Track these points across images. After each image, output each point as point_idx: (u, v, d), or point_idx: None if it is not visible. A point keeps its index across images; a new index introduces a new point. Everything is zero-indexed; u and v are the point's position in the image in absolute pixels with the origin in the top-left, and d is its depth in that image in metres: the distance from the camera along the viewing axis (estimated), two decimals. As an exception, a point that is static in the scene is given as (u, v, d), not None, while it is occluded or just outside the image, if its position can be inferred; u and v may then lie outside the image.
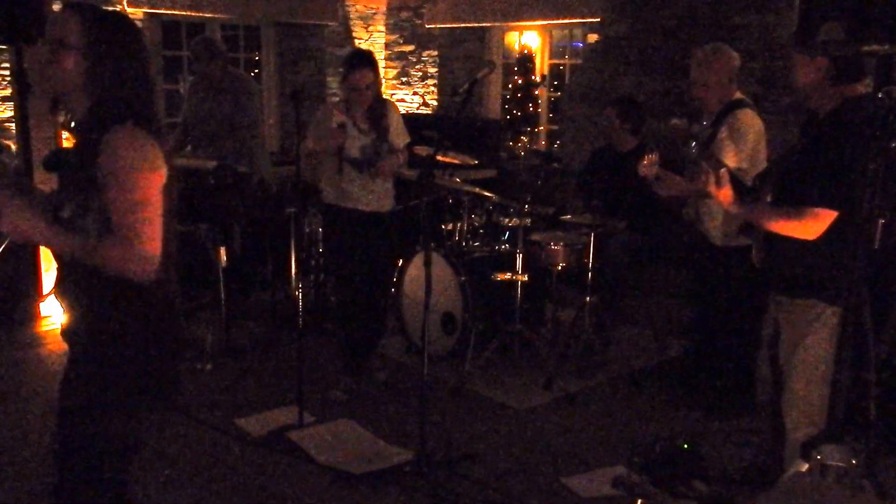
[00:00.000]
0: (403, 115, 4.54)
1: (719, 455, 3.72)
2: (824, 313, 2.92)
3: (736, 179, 3.02)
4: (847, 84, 2.88)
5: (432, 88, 8.67)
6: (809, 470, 2.63)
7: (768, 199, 3.01)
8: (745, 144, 3.88)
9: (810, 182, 2.77)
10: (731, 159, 3.76)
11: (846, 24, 2.97)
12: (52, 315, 5.25)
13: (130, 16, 6.68)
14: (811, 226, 2.75)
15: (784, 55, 4.73)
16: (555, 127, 7.91)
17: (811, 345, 2.96)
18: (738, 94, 4.03)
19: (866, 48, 3.04)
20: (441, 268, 4.67)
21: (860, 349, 3.03)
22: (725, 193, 2.93)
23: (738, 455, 3.75)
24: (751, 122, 3.92)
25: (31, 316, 5.28)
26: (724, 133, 3.89)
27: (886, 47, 2.92)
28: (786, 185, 2.95)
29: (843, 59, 2.85)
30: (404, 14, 8.76)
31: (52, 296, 2.18)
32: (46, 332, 5.16)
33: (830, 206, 2.72)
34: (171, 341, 2.20)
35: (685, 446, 3.49)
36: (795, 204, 2.81)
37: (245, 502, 3.32)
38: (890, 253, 3.43)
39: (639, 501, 2.94)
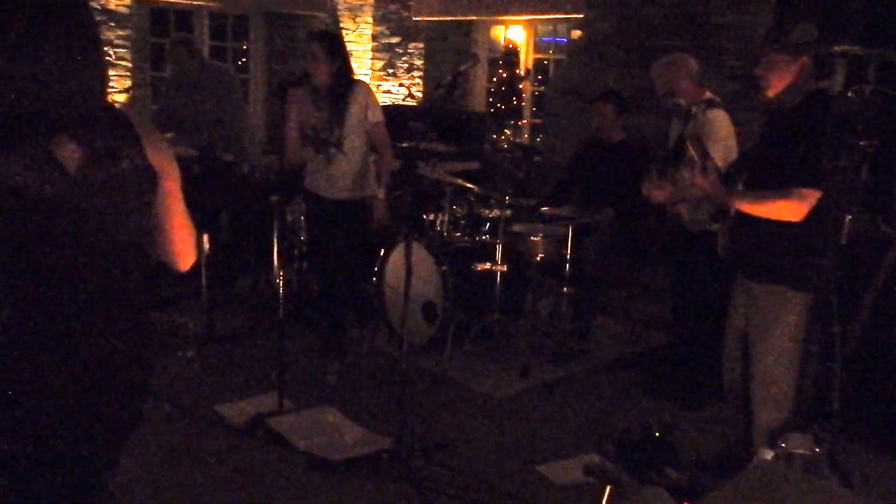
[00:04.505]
0: (389, 106, 4.58)
1: (691, 443, 3.79)
2: (792, 298, 3.02)
3: (717, 170, 3.11)
4: (819, 80, 2.98)
5: (418, 80, 8.70)
6: (775, 458, 2.71)
7: (739, 188, 3.10)
8: (719, 143, 3.96)
9: (792, 166, 2.89)
10: None
11: (819, 25, 3.05)
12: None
13: (119, 2, 6.73)
14: (798, 206, 2.87)
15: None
16: (538, 121, 7.97)
17: (779, 329, 3.06)
18: (707, 94, 4.16)
19: (838, 49, 3.13)
20: (422, 257, 4.72)
21: (827, 341, 3.12)
22: (712, 183, 3.01)
23: (710, 443, 3.83)
24: (723, 121, 4.04)
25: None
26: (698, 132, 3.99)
27: (857, 48, 3.00)
28: (762, 174, 3.04)
29: (821, 58, 2.95)
30: (392, 6, 8.79)
31: None
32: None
33: (815, 186, 2.85)
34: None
35: (657, 434, 3.56)
36: (778, 188, 2.92)
37: (224, 488, 3.36)
38: (858, 248, 3.53)
39: (608, 488, 3.00)
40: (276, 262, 4.46)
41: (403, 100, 8.85)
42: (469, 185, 4.89)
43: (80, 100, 1.67)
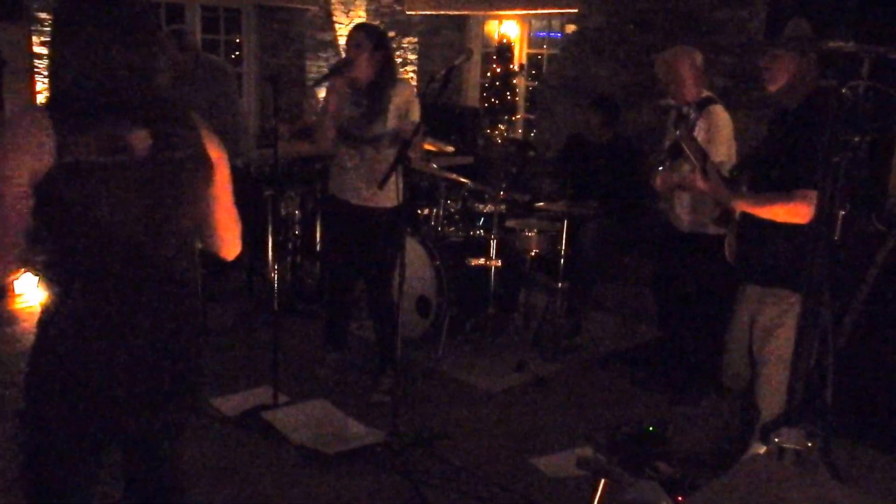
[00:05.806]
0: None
1: (684, 438, 3.82)
2: (797, 301, 3.01)
3: (717, 171, 3.11)
4: (822, 79, 2.97)
5: (412, 75, 8.69)
6: (767, 452, 2.73)
7: (744, 189, 3.10)
8: (722, 140, 3.98)
9: (795, 167, 2.85)
10: (711, 154, 3.85)
11: (812, 20, 3.06)
12: (26, 292, 5.25)
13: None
14: (802, 208, 2.80)
15: (757, 50, 4.81)
16: (532, 116, 7.98)
17: (784, 333, 3.03)
18: (706, 92, 4.15)
19: (831, 45, 3.13)
20: (417, 252, 4.73)
21: (820, 337, 3.13)
22: (714, 185, 3.01)
23: (703, 438, 3.85)
24: (724, 117, 4.03)
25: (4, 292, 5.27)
26: (700, 130, 3.98)
27: (851, 44, 3.01)
28: (765, 175, 3.03)
29: (824, 56, 2.94)
30: (385, 0, 8.78)
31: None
32: (20, 309, 5.17)
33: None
34: (77, 367, 1.81)
35: (650, 429, 3.58)
36: (781, 189, 2.89)
37: (218, 481, 3.36)
38: (850, 244, 3.54)
39: (602, 481, 3.02)
40: (270, 255, 4.46)
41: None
42: (463, 180, 4.90)
43: (152, 91, 1.84)
